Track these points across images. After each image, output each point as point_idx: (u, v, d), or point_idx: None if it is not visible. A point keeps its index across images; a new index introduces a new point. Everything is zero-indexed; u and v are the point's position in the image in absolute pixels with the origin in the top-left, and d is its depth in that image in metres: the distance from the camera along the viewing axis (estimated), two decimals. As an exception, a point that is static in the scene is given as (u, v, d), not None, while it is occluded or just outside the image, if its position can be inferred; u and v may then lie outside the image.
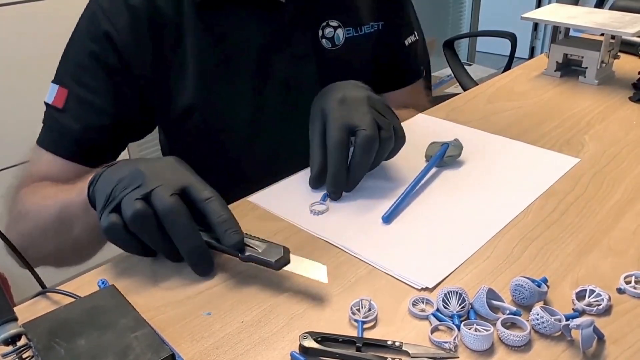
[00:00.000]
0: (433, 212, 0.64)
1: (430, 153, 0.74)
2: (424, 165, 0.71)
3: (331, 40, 0.85)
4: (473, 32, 3.30)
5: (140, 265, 0.56)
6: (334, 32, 0.85)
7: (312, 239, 0.60)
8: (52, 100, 0.76)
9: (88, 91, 0.75)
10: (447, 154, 0.72)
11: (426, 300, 0.50)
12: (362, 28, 0.88)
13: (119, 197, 0.53)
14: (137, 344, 0.42)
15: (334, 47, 0.85)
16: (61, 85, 0.76)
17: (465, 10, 3.43)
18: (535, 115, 0.89)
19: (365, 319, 0.48)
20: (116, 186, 0.54)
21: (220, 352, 0.46)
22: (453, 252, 0.57)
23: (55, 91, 0.76)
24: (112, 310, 0.46)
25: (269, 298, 0.51)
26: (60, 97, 0.76)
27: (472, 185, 0.69)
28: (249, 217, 0.64)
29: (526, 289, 0.48)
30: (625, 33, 0.93)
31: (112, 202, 0.54)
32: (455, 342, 0.45)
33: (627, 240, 0.58)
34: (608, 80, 1.03)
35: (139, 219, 0.52)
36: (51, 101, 0.76)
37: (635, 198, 0.66)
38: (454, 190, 0.68)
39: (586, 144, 0.79)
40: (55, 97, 0.76)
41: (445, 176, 0.71)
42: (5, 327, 0.40)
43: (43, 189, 0.72)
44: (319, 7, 0.84)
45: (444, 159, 0.72)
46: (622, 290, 0.51)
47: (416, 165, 0.72)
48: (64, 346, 0.42)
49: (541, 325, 0.46)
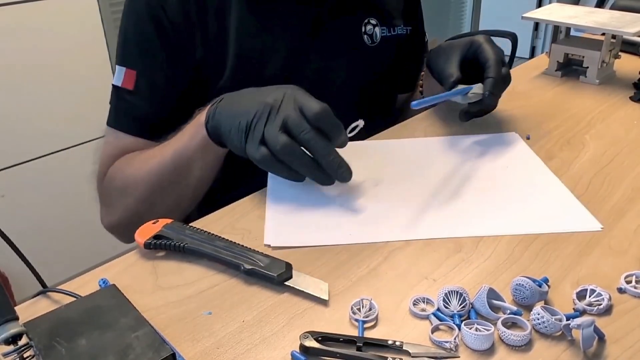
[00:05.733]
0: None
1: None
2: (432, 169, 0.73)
3: (371, 37, 0.89)
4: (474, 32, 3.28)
5: (141, 265, 0.56)
6: (373, 29, 0.89)
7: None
8: (121, 82, 0.79)
9: (154, 70, 0.78)
10: (472, 91, 0.75)
11: (427, 300, 0.50)
12: (394, 29, 0.92)
13: (260, 130, 0.62)
14: (138, 344, 0.42)
15: (372, 44, 0.89)
16: (128, 67, 0.78)
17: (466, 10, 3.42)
18: (536, 115, 0.89)
19: (365, 318, 0.48)
20: (252, 120, 0.63)
21: (221, 352, 0.46)
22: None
23: (123, 73, 0.78)
24: (112, 309, 0.46)
25: (269, 297, 0.51)
26: (129, 79, 0.78)
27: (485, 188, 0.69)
28: (250, 215, 0.64)
29: (527, 289, 0.48)
30: (626, 33, 0.93)
31: (255, 135, 0.62)
32: (455, 342, 0.45)
33: (628, 239, 0.58)
34: (609, 79, 1.03)
35: (287, 150, 0.61)
36: (120, 83, 0.79)
37: (636, 197, 0.65)
38: (465, 186, 0.69)
39: (587, 144, 0.79)
40: (124, 79, 0.78)
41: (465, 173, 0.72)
42: (6, 326, 0.40)
43: (136, 157, 0.77)
44: (358, 4, 0.88)
45: (469, 94, 0.75)
46: (623, 290, 0.51)
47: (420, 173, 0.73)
48: (64, 345, 0.42)
49: (542, 325, 0.46)
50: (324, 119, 0.62)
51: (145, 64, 0.78)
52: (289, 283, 0.52)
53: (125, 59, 0.79)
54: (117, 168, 0.79)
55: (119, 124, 0.81)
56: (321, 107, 0.62)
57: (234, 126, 0.64)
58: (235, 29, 0.78)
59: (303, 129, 0.61)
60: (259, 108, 0.63)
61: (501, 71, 0.76)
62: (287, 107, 0.63)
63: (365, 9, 0.89)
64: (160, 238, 0.57)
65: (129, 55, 0.79)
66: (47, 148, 1.78)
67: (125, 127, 0.80)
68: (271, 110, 0.63)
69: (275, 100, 0.63)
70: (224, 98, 0.69)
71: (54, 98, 1.74)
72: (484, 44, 0.79)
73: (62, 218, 1.83)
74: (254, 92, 0.67)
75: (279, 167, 0.63)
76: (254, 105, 0.64)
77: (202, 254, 0.55)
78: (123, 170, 0.78)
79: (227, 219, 0.63)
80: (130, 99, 0.79)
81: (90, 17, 1.77)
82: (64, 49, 1.73)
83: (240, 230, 0.61)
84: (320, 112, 0.62)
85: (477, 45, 0.79)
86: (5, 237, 0.50)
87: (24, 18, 1.63)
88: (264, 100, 0.63)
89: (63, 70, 1.73)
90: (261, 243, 0.59)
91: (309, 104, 0.62)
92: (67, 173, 1.79)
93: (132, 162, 0.77)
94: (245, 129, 0.63)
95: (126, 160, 0.79)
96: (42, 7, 1.65)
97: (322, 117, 0.62)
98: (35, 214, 1.80)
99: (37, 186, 1.78)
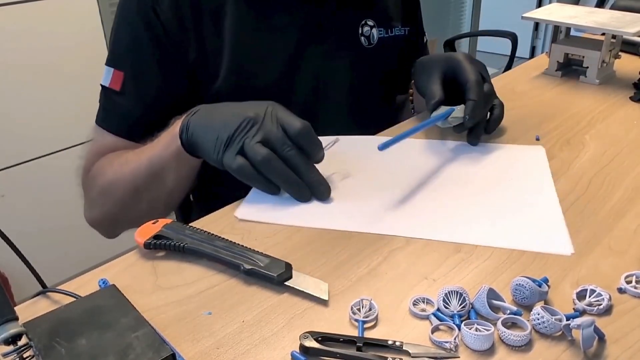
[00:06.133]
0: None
1: (436, 114, 0.75)
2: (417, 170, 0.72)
3: (368, 38, 0.88)
4: (474, 32, 3.29)
5: (141, 265, 0.56)
6: (370, 31, 0.88)
7: (311, 239, 0.60)
8: (109, 82, 0.79)
9: (143, 72, 0.78)
10: (452, 115, 0.74)
11: (427, 300, 0.50)
12: (392, 30, 0.91)
13: (240, 142, 0.62)
14: (138, 344, 0.42)
15: (369, 45, 0.88)
16: (116, 67, 0.78)
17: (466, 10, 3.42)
18: (536, 115, 0.89)
19: (365, 318, 0.48)
20: (234, 133, 0.63)
21: (221, 352, 0.46)
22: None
23: (111, 74, 0.78)
24: (112, 309, 0.46)
25: (269, 297, 0.51)
26: (116, 79, 0.78)
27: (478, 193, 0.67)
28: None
29: (527, 289, 0.48)
30: (626, 33, 0.93)
31: (233, 146, 0.63)
32: (455, 342, 0.45)
33: (628, 239, 0.58)
34: (609, 79, 1.03)
35: (268, 162, 0.62)
36: (108, 84, 0.79)
37: (636, 197, 0.65)
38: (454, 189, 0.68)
39: (587, 144, 0.79)
40: (112, 80, 0.78)
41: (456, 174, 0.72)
42: (5, 326, 0.40)
43: (116, 158, 0.77)
44: (357, 5, 0.87)
45: (449, 119, 0.74)
46: (623, 290, 0.51)
47: (413, 170, 0.73)
48: (64, 346, 0.42)
49: (542, 325, 0.46)
50: (305, 137, 0.63)
51: (134, 66, 0.78)
52: (288, 283, 0.52)
53: (114, 60, 0.79)
54: (99, 166, 0.79)
55: (104, 123, 0.81)
56: (303, 125, 0.63)
57: (211, 139, 0.64)
58: (231, 31, 0.78)
59: (285, 145, 0.62)
60: (240, 121, 0.63)
61: (482, 92, 0.75)
62: (269, 122, 0.63)
63: (362, 11, 0.88)
64: (160, 238, 0.57)
65: (118, 56, 0.79)
66: (47, 148, 1.78)
67: (111, 126, 0.80)
68: (253, 125, 0.63)
69: (257, 115, 0.64)
70: (199, 110, 0.68)
71: (54, 98, 1.74)
72: (462, 62, 0.77)
73: (62, 218, 1.83)
74: (232, 106, 0.67)
75: (256, 178, 0.63)
76: (234, 119, 0.64)
77: (202, 254, 0.55)
78: (104, 169, 0.78)
79: (227, 219, 0.63)
80: (117, 100, 0.79)
81: (90, 17, 1.77)
82: (64, 49, 1.73)
83: (240, 230, 0.61)
84: (302, 130, 0.63)
85: (455, 63, 0.78)
86: (5, 237, 0.50)
87: (24, 18, 1.63)
88: (245, 114, 0.64)
89: (63, 70, 1.73)
90: (261, 243, 0.59)
91: (291, 122, 0.63)
92: (67, 173, 1.78)
93: (113, 163, 0.77)
94: (226, 141, 0.63)
95: (108, 160, 0.79)
96: (42, 7, 1.65)
97: (303, 135, 0.63)
98: (35, 214, 1.80)
99: (37, 186, 1.78)
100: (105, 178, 0.77)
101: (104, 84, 0.79)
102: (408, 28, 0.94)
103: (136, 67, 0.78)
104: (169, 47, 0.77)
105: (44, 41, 1.68)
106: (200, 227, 0.59)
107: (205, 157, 0.67)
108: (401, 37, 0.93)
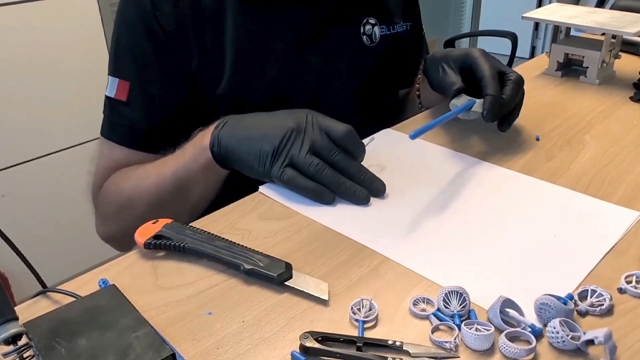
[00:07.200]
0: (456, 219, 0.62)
1: (457, 103, 0.75)
2: (436, 183, 0.69)
3: (370, 37, 0.88)
4: (474, 32, 3.29)
5: (141, 265, 0.56)
6: (372, 29, 0.88)
7: (311, 239, 0.60)
8: (115, 93, 0.77)
9: (148, 82, 0.77)
10: (473, 108, 0.74)
11: (427, 300, 0.50)
12: (394, 27, 0.91)
13: (287, 153, 0.64)
14: (138, 344, 0.42)
15: (371, 43, 0.88)
16: (121, 77, 0.77)
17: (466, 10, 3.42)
18: (536, 115, 0.89)
19: (366, 318, 0.48)
20: (280, 144, 0.64)
21: (221, 352, 0.46)
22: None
23: (116, 84, 0.77)
24: (112, 309, 0.46)
25: (269, 297, 0.51)
26: (122, 90, 0.77)
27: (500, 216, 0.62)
28: (251, 216, 0.64)
29: (552, 307, 0.46)
30: (626, 33, 0.93)
31: (280, 158, 0.64)
32: (456, 342, 0.45)
33: (628, 239, 0.58)
34: (609, 79, 1.03)
35: (319, 172, 0.63)
36: (113, 94, 0.77)
37: (636, 198, 0.65)
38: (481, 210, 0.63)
39: (587, 144, 0.79)
40: (118, 90, 0.77)
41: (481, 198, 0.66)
42: (5, 326, 0.40)
43: (133, 173, 0.76)
44: (356, 4, 0.87)
45: (469, 112, 0.74)
46: (623, 290, 0.51)
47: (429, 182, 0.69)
48: (64, 346, 0.42)
49: (555, 340, 0.44)
50: (350, 140, 0.65)
51: (138, 75, 0.77)
52: (288, 283, 0.52)
53: (117, 70, 0.77)
54: (113, 183, 0.78)
55: (113, 135, 0.79)
56: (347, 128, 0.65)
57: (254, 151, 0.65)
58: (232, 34, 0.77)
59: (333, 151, 0.64)
60: (283, 132, 0.64)
61: (498, 86, 0.74)
62: (313, 131, 0.65)
63: (363, 9, 0.88)
64: (160, 238, 0.57)
65: (122, 66, 0.77)
66: (47, 148, 1.78)
67: (120, 139, 0.79)
68: (297, 135, 0.64)
69: (299, 125, 0.65)
70: (228, 121, 0.68)
71: (54, 98, 1.74)
72: (479, 57, 0.77)
73: (62, 218, 1.83)
74: (266, 117, 0.68)
75: (309, 188, 0.64)
76: (276, 131, 0.65)
77: (202, 254, 0.55)
78: (119, 186, 0.76)
79: (227, 219, 0.63)
80: (124, 111, 0.77)
81: (90, 17, 1.77)
82: (64, 49, 1.73)
83: (240, 230, 0.61)
84: (348, 134, 0.65)
85: (472, 59, 0.78)
86: (5, 237, 0.50)
87: (24, 18, 1.63)
88: (286, 125, 0.65)
89: (63, 70, 1.73)
90: (261, 243, 0.59)
91: (335, 127, 0.65)
92: (67, 173, 1.79)
93: (129, 178, 0.76)
94: (272, 153, 0.64)
95: (122, 175, 0.77)
96: (42, 7, 1.65)
97: (348, 138, 0.64)
98: (35, 214, 1.80)
99: (37, 186, 1.78)
100: (123, 194, 0.76)
101: (109, 95, 0.78)
102: (410, 23, 0.94)
103: (141, 76, 0.76)
104: (171, 54, 0.76)
105: (44, 41, 1.68)
106: (200, 227, 0.59)
107: (245, 170, 0.67)
108: (403, 33, 0.92)
